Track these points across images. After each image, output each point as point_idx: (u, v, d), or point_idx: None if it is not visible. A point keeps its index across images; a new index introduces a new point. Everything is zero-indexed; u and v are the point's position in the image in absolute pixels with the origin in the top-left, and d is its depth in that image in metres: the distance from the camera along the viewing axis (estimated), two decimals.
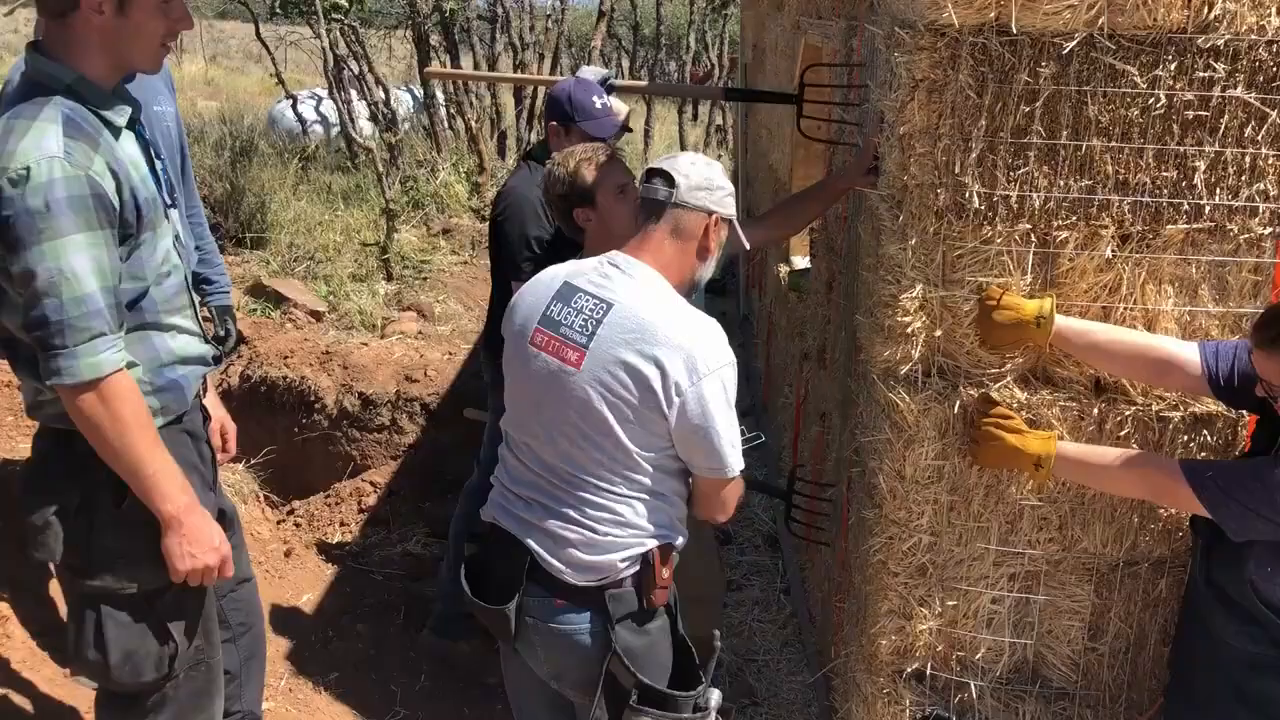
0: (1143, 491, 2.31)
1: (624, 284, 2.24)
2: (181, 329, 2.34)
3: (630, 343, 2.15)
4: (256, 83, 19.27)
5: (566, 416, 2.22)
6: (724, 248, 2.43)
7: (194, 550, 2.21)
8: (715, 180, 2.34)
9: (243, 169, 9.14)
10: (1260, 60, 2.25)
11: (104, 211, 2.06)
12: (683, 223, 2.30)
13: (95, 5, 2.09)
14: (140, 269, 2.20)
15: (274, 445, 5.29)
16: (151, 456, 2.14)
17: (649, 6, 17.80)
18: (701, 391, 2.14)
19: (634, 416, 2.16)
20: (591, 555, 2.23)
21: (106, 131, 2.13)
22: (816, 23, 4.08)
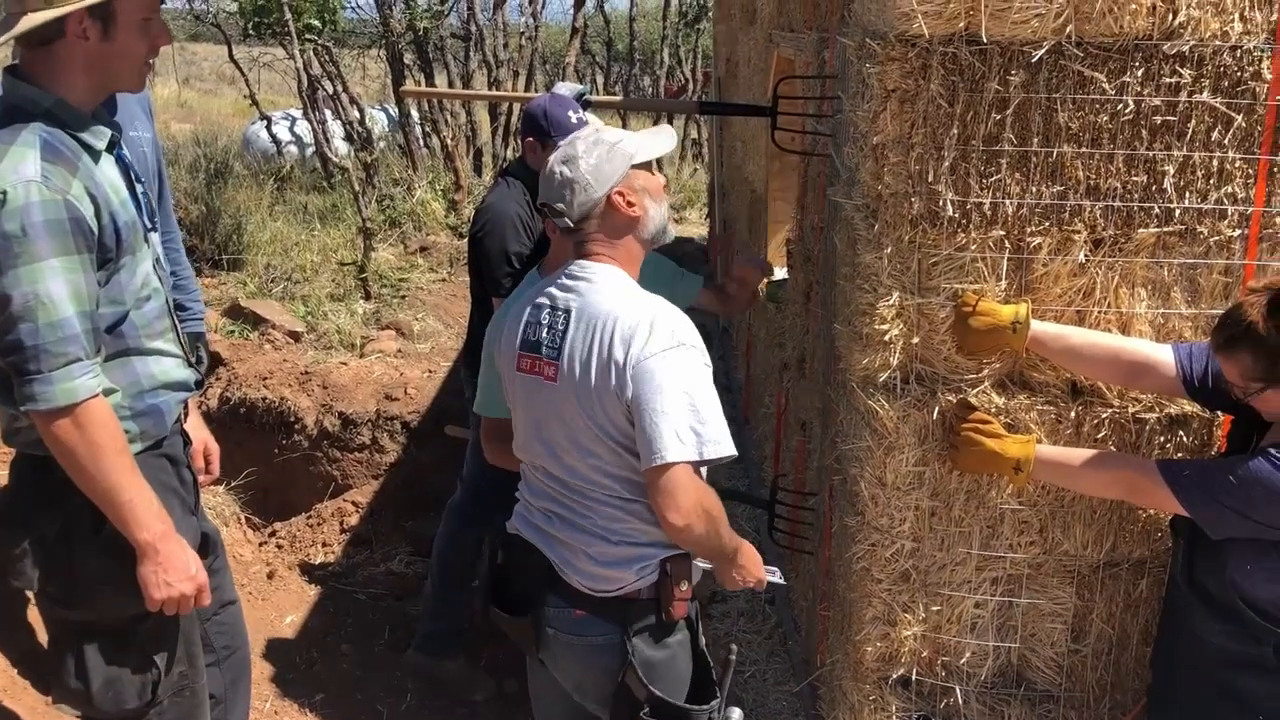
0: (1121, 492, 2.33)
1: (583, 288, 2.23)
2: (163, 353, 2.33)
3: (590, 341, 2.15)
4: (230, 104, 19.21)
5: (559, 430, 2.24)
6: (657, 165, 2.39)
7: (170, 579, 2.19)
8: (586, 165, 2.21)
9: (218, 190, 9.11)
10: (1225, 65, 2.29)
11: (82, 236, 2.05)
12: (596, 224, 2.26)
13: (80, 31, 2.09)
14: (119, 293, 2.19)
15: (254, 467, 5.27)
16: (127, 483, 2.12)
17: (622, 22, 17.87)
18: (648, 367, 2.08)
19: (609, 414, 2.15)
20: (605, 566, 2.23)
21: (86, 155, 2.13)
22: (789, 36, 4.11)
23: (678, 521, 2.12)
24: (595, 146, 2.23)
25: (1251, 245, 2.40)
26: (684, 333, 2.14)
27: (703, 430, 2.09)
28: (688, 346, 2.12)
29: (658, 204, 2.30)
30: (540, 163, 3.62)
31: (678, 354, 2.10)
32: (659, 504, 2.12)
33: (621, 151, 2.25)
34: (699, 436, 2.08)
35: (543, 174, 2.29)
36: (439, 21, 10.87)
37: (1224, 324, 2.10)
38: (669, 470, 2.08)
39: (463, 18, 11.66)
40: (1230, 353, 2.07)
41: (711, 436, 2.09)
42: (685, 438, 2.07)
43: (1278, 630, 2.12)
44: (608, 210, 2.24)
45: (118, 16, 2.12)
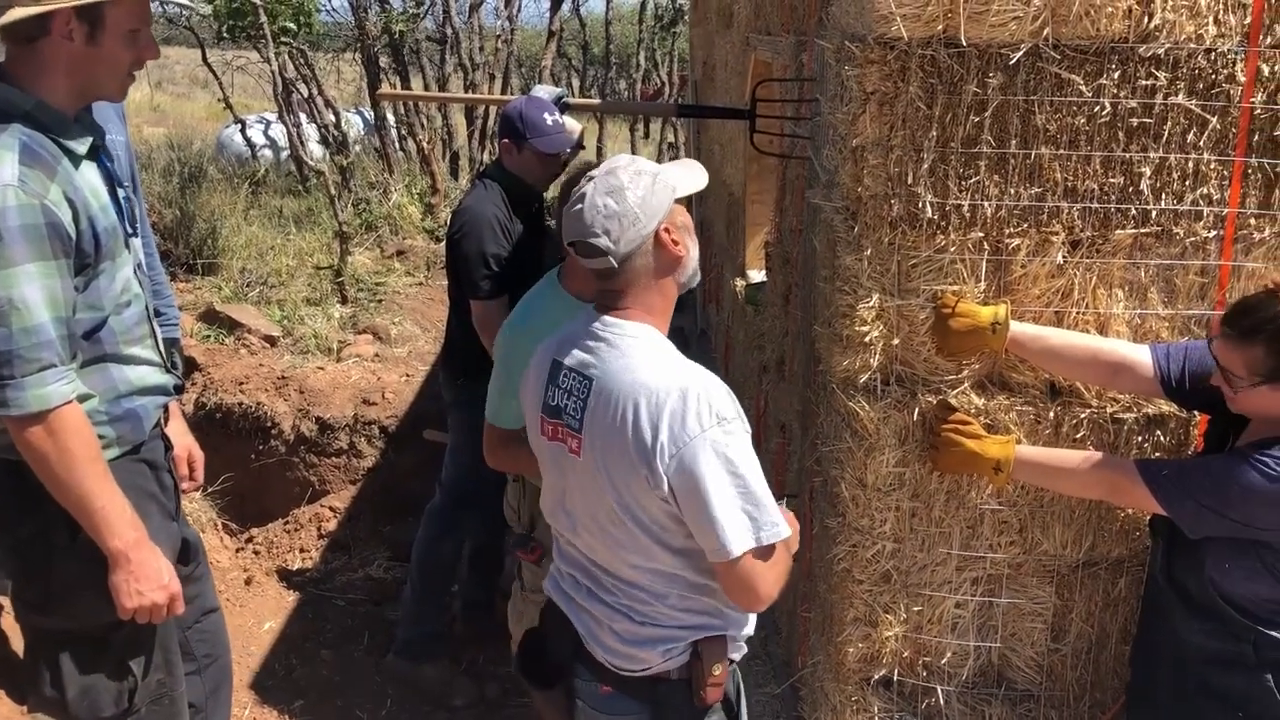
0: (1100, 492, 2.34)
1: (605, 354, 2.01)
2: (141, 359, 2.31)
3: (615, 420, 1.94)
4: (203, 108, 19.09)
5: (584, 508, 2.08)
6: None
7: (141, 588, 2.17)
8: (634, 197, 1.98)
9: (192, 195, 9.05)
10: (1200, 68, 2.31)
11: (59, 241, 2.03)
12: (641, 263, 2.01)
13: (66, 32, 2.07)
14: (98, 299, 2.17)
15: (231, 473, 5.23)
16: (99, 491, 2.10)
17: (598, 26, 17.87)
18: (688, 455, 1.87)
19: (638, 497, 1.96)
20: (629, 645, 2.07)
21: (66, 159, 2.10)
22: (766, 39, 4.12)
23: (759, 607, 2.03)
24: (639, 177, 1.99)
25: (1227, 246, 2.42)
26: (720, 404, 1.91)
27: (758, 514, 1.91)
28: (726, 421, 1.90)
29: (695, 244, 2.10)
30: (516, 164, 3.65)
31: (717, 433, 1.88)
32: (734, 597, 2.00)
33: (665, 184, 2.02)
34: (755, 521, 1.90)
35: (576, 208, 2.00)
36: (414, 25, 10.84)
37: (1246, 311, 2.06)
38: (737, 565, 1.91)
39: (438, 21, 11.65)
40: (1245, 342, 2.05)
41: (768, 520, 1.92)
42: (744, 527, 1.89)
43: (1256, 627, 2.14)
44: (655, 248, 2.01)
45: (105, 22, 2.11)
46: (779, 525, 1.93)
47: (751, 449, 1.95)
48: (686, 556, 2.00)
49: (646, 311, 2.05)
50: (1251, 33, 2.30)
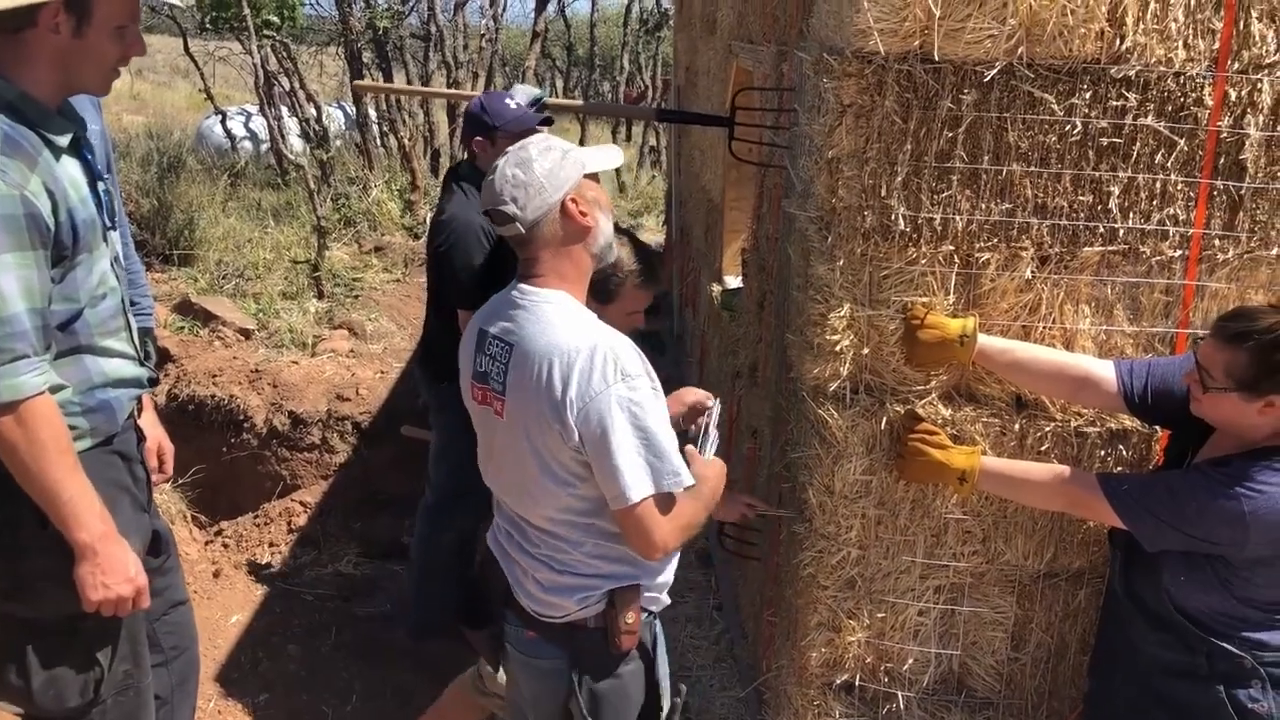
0: (1063, 504, 2.38)
1: (522, 319, 2.16)
2: (115, 352, 2.31)
3: (531, 379, 2.10)
4: (184, 98, 18.98)
5: (509, 466, 2.22)
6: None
7: (108, 580, 2.16)
8: (540, 168, 2.13)
9: (170, 185, 9.01)
10: (1169, 90, 2.35)
11: (37, 232, 2.03)
12: (549, 230, 2.16)
13: (52, 24, 2.07)
14: (74, 290, 2.17)
15: (202, 465, 5.22)
16: (69, 482, 2.10)
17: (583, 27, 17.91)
18: (594, 409, 2.03)
19: (554, 452, 2.11)
20: (548, 593, 2.22)
21: (47, 151, 2.10)
22: (748, 47, 4.15)
23: (654, 555, 2.15)
24: (548, 152, 2.16)
25: (1191, 266, 2.47)
26: (626, 362, 2.06)
27: (659, 464, 2.06)
28: (631, 378, 2.05)
29: (606, 218, 2.24)
30: (492, 160, 3.64)
31: (621, 388, 2.04)
32: (632, 543, 2.13)
33: (574, 159, 2.18)
34: (655, 470, 2.06)
35: (489, 178, 2.18)
36: (399, 21, 10.83)
37: (1241, 316, 2.10)
38: (634, 510, 2.06)
39: (423, 18, 11.64)
40: (1231, 345, 2.08)
41: (670, 469, 2.07)
42: (644, 474, 2.05)
43: (1210, 639, 2.18)
44: (561, 217, 2.16)
45: (93, 16, 2.10)
46: (680, 475, 2.09)
47: (658, 403, 2.10)
48: (599, 506, 2.14)
49: (560, 279, 2.19)
50: (1219, 57, 2.34)
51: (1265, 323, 2.05)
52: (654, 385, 2.11)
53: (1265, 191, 2.42)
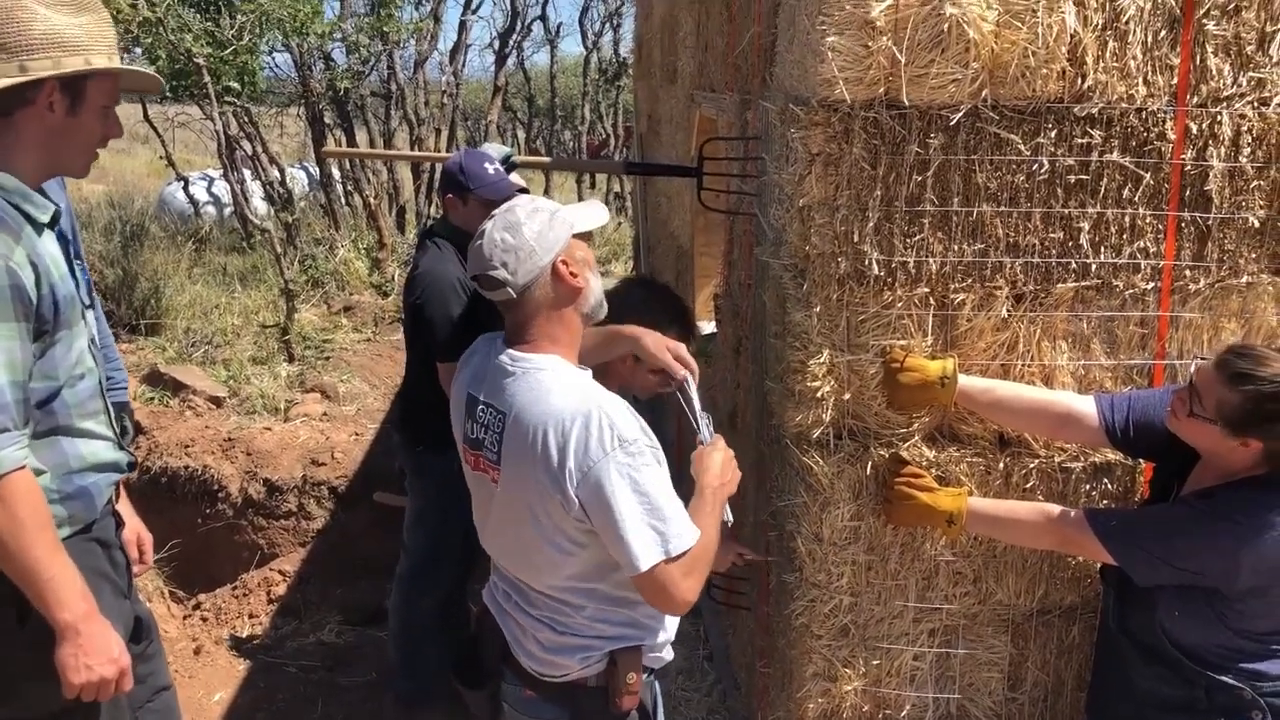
0: (1052, 542, 2.38)
1: (515, 387, 2.11)
2: (93, 434, 2.27)
3: (528, 449, 2.06)
4: (144, 164, 18.90)
5: (507, 532, 2.20)
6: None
7: (91, 661, 2.09)
8: (530, 231, 2.11)
9: (134, 253, 8.95)
10: (1132, 126, 2.38)
11: (20, 303, 2.01)
12: (540, 294, 2.13)
13: (48, 104, 2.09)
14: (54, 368, 2.14)
15: (177, 538, 5.13)
16: (49, 561, 2.04)
17: (542, 78, 18.05)
18: (594, 478, 1.99)
19: (555, 521, 2.07)
20: (549, 653, 2.19)
21: (29, 227, 2.09)
22: (710, 96, 4.18)
23: (677, 613, 2.15)
24: (536, 214, 2.13)
25: (1164, 297, 2.49)
26: (623, 427, 2.02)
27: (664, 528, 2.02)
28: (628, 443, 2.01)
29: (596, 277, 2.22)
30: (463, 218, 3.65)
31: (620, 455, 2.00)
32: (653, 605, 2.10)
33: (562, 220, 2.16)
34: (662, 535, 2.01)
35: (476, 243, 2.14)
36: (360, 81, 10.86)
37: (1248, 358, 2.08)
38: (647, 576, 2.02)
39: (383, 77, 11.69)
40: (1230, 384, 2.07)
41: (675, 532, 2.03)
42: (651, 541, 2.01)
43: (1207, 673, 2.17)
44: (552, 280, 2.13)
45: (87, 96, 2.14)
46: (684, 535, 2.04)
47: (658, 465, 2.06)
48: (601, 572, 2.11)
49: (552, 342, 2.16)
50: (1179, 93, 2.38)
51: (1269, 371, 2.04)
52: (652, 445, 2.07)
53: (1231, 221, 2.45)
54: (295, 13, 8.34)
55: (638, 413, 2.13)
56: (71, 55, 2.09)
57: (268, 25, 8.22)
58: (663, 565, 2.02)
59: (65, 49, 2.08)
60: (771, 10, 2.95)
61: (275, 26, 8.30)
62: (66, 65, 2.08)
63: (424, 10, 11.78)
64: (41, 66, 2.06)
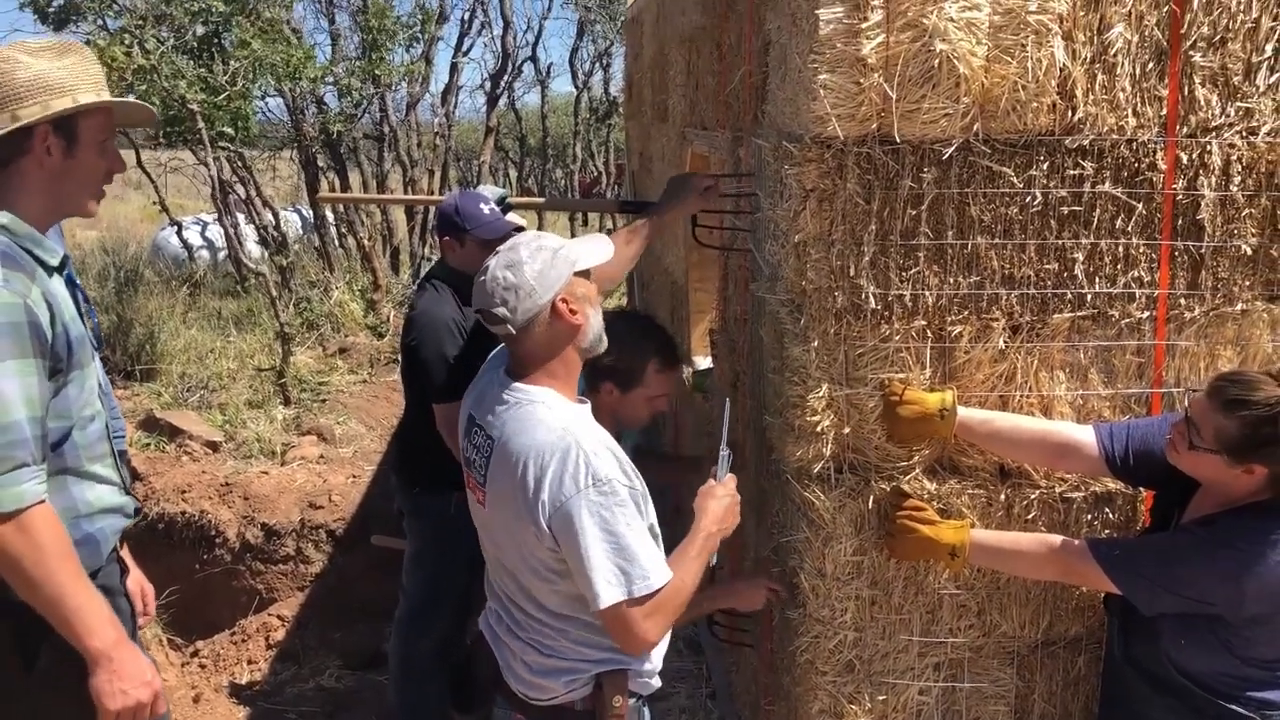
0: (1055, 573, 2.37)
1: (506, 416, 2.18)
2: (101, 478, 2.27)
3: (509, 476, 2.12)
4: (137, 210, 18.97)
5: (492, 550, 2.28)
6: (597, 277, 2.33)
7: (125, 686, 2.08)
8: (531, 270, 2.15)
9: (128, 299, 8.97)
10: (1123, 157, 2.40)
11: (38, 340, 2.03)
12: (539, 330, 2.18)
13: (45, 148, 2.12)
14: (67, 408, 2.15)
15: (175, 585, 5.09)
16: (75, 589, 2.04)
17: (533, 118, 18.17)
18: (565, 513, 2.04)
19: (531, 548, 2.13)
20: (536, 675, 2.23)
21: (41, 270, 2.12)
22: (702, 133, 4.21)
23: (635, 652, 2.19)
24: (539, 252, 2.17)
25: (1160, 326, 2.50)
26: (600, 466, 2.06)
27: (630, 568, 2.06)
28: (601, 483, 2.05)
29: (596, 313, 2.27)
30: (461, 260, 3.66)
31: (592, 494, 2.04)
32: (614, 641, 2.16)
33: (564, 258, 2.20)
34: (627, 575, 2.06)
35: (481, 279, 2.20)
36: (352, 124, 10.92)
37: (1240, 384, 2.09)
38: (609, 613, 2.08)
39: (375, 119, 11.75)
40: (1224, 411, 2.07)
41: (640, 573, 2.06)
42: (615, 579, 2.05)
43: (1216, 701, 2.16)
44: (551, 318, 2.18)
45: (80, 135, 2.16)
46: (650, 578, 2.07)
47: (632, 505, 2.09)
48: (576, 599, 2.15)
49: (549, 376, 2.22)
50: (1168, 123, 2.40)
51: (1262, 395, 2.05)
52: (629, 485, 2.10)
53: (1224, 249, 2.46)
54: (288, 58, 8.41)
55: (622, 450, 2.17)
56: (59, 96, 2.12)
57: (261, 71, 8.28)
58: (624, 604, 2.07)
59: (52, 91, 2.12)
60: (762, 49, 2.98)
61: (268, 72, 8.36)
62: (55, 106, 2.12)
63: (415, 53, 11.86)
64: (31, 112, 2.10)
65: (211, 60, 8.40)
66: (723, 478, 2.40)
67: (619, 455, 2.14)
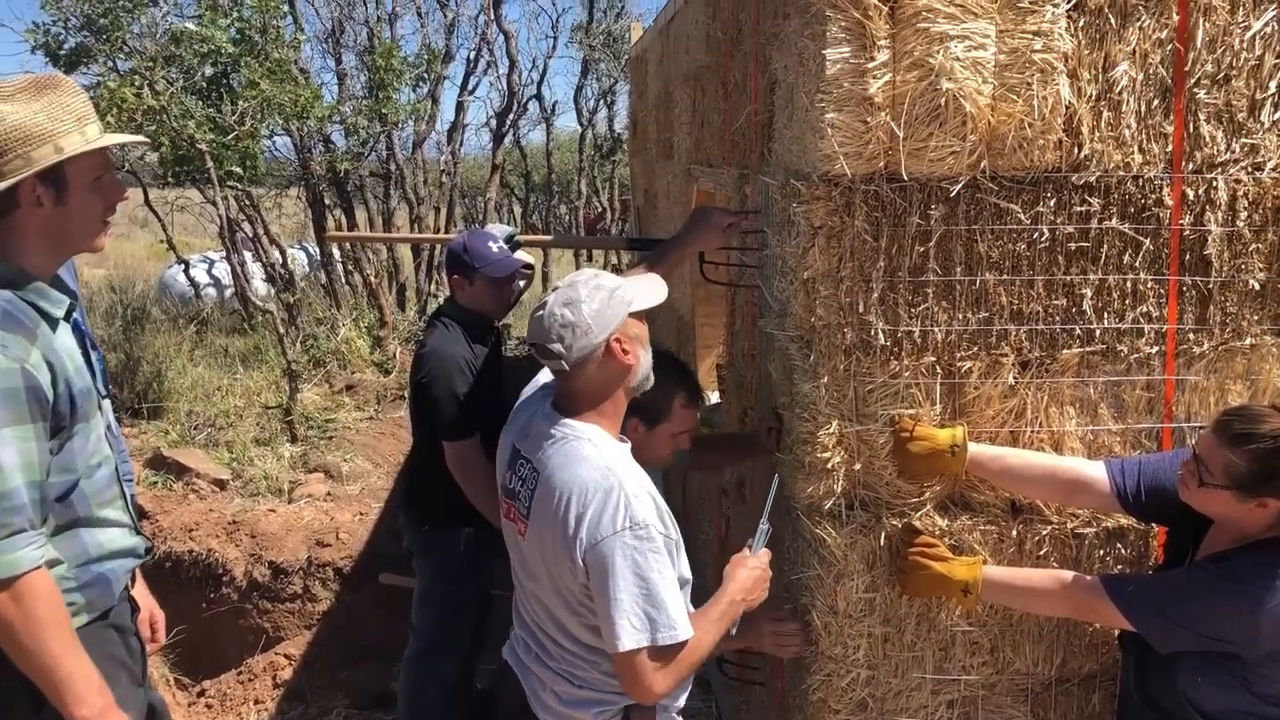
0: (1069, 610, 2.36)
1: (552, 450, 2.20)
2: (111, 521, 2.27)
3: (551, 510, 2.14)
4: (144, 248, 19.05)
5: (529, 581, 2.29)
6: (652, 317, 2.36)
7: None
8: (589, 309, 2.18)
9: (135, 337, 8.99)
10: (1130, 193, 2.42)
11: (37, 404, 2.02)
12: (592, 369, 2.21)
13: (34, 199, 2.08)
14: (71, 461, 2.14)
15: (182, 624, 5.07)
16: (66, 658, 2.03)
17: (538, 155, 18.28)
18: (600, 551, 2.07)
19: (566, 582, 2.16)
20: (566, 706, 2.25)
21: (44, 324, 2.10)
22: (708, 170, 4.24)
23: (644, 700, 2.18)
24: (597, 291, 2.20)
25: (1169, 361, 2.50)
26: (639, 510, 2.08)
27: (657, 615, 2.07)
28: (639, 526, 2.07)
29: (647, 353, 2.29)
30: (470, 298, 3.68)
31: (628, 536, 2.06)
32: (624, 685, 2.16)
33: (621, 298, 2.23)
34: (653, 622, 2.07)
35: (538, 314, 2.23)
36: (359, 163, 11.00)
37: (1244, 418, 2.09)
38: (627, 658, 2.08)
39: (382, 157, 11.83)
40: (1231, 446, 2.07)
41: (666, 622, 2.07)
42: (639, 624, 2.06)
43: None
44: (605, 357, 2.20)
45: (69, 180, 2.11)
46: (676, 629, 2.08)
47: (666, 554, 2.11)
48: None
49: (597, 414, 2.25)
50: (1174, 159, 2.42)
51: (1268, 427, 2.05)
52: (665, 533, 2.13)
53: (1232, 284, 2.47)
54: (296, 98, 8.48)
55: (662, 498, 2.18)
56: (39, 146, 2.06)
57: (269, 110, 8.35)
58: (645, 652, 2.07)
59: (31, 141, 2.05)
60: (768, 88, 3.01)
61: (276, 111, 8.42)
62: (36, 159, 2.05)
63: (421, 92, 11.96)
64: (14, 169, 2.04)
65: (220, 100, 8.48)
66: (758, 550, 2.41)
67: (658, 502, 2.17)
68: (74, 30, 8.09)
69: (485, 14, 13.17)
